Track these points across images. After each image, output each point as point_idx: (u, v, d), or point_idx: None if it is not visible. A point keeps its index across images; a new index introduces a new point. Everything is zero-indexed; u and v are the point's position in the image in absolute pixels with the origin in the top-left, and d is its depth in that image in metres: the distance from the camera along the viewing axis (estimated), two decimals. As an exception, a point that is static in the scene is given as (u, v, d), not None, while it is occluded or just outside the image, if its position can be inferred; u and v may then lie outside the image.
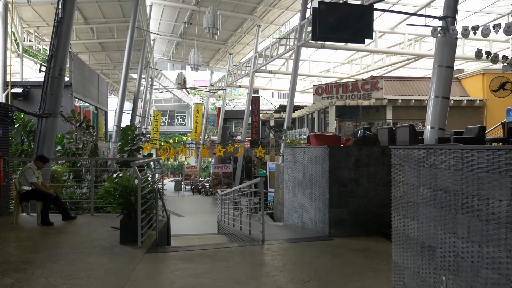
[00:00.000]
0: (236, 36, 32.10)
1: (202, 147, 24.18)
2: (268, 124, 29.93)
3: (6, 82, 17.77)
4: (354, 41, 10.49)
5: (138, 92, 26.33)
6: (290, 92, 20.04)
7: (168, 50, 38.78)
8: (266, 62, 25.51)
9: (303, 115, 26.80)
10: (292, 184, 9.01)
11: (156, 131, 38.83)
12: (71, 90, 18.44)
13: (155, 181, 6.34)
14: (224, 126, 37.09)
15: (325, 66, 31.50)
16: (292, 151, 9.14)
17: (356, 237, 6.32)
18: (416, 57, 23.68)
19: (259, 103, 28.79)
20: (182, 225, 17.07)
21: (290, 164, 9.23)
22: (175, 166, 54.01)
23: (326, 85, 22.68)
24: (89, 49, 30.34)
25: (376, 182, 6.53)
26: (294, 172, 8.83)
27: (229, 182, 28.31)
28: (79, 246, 5.44)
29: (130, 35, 19.53)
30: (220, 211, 13.78)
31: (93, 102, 22.72)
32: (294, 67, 20.04)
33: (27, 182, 6.78)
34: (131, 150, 12.61)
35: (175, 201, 26.12)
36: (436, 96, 10.25)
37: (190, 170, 38.37)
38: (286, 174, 9.75)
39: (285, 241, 6.29)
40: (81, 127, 12.39)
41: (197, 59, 25.68)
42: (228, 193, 11.57)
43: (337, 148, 6.75)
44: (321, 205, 6.77)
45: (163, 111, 55.75)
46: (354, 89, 21.77)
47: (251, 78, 27.45)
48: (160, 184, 7.63)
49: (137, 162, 5.79)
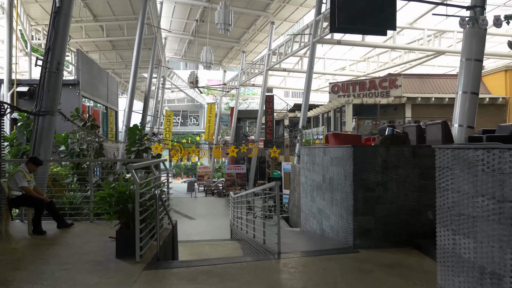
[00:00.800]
0: (249, 34, 31.41)
1: (215, 147, 23.53)
2: (282, 123, 29.15)
3: (11, 81, 17.35)
4: (375, 32, 9.68)
5: (149, 91, 25.82)
6: (305, 90, 19.27)
7: (180, 49, 38.29)
8: (280, 60, 24.74)
9: (318, 114, 25.96)
10: (309, 187, 8.25)
11: (168, 131, 38.39)
12: (78, 89, 17.97)
13: (157, 185, 5.64)
14: (237, 126, 36.43)
15: (341, 64, 30.60)
16: (309, 152, 8.38)
17: (384, 249, 5.53)
18: (435, 53, 22.65)
19: (273, 102, 28.04)
20: (194, 228, 16.43)
21: (308, 165, 8.47)
22: (188, 166, 53.61)
23: (342, 83, 21.82)
24: (99, 48, 29.99)
25: (406, 186, 5.73)
26: (312, 174, 8.07)
27: (242, 183, 27.61)
28: (69, 261, 4.77)
29: (139, 31, 19.01)
30: (232, 215, 13.10)
31: (102, 102, 22.26)
32: (309, 65, 19.27)
33: (17, 186, 6.16)
34: (138, 151, 12.00)
35: (187, 203, 25.55)
36: (464, 92, 9.38)
37: (203, 170, 37.81)
38: (303, 176, 8.99)
39: (304, 254, 5.53)
40: (86, 127, 11.82)
41: (210, 57, 25.04)
42: (241, 196, 10.85)
43: (363, 148, 5.97)
44: (343, 212, 5.99)
45: (176, 111, 55.42)
46: (372, 87, 20.88)
47: (265, 76, 26.72)
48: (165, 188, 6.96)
49: (135, 165, 5.11)
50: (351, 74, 28.43)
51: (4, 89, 17.42)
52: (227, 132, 50.89)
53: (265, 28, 29.87)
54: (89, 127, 11.89)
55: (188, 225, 17.13)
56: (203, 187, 34.67)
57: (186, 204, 24.59)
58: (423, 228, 5.70)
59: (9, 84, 17.51)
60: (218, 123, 41.76)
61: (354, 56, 28.63)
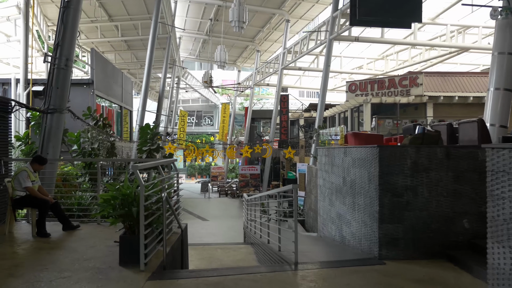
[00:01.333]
0: (264, 32, 30.98)
1: (228, 147, 23.15)
2: (297, 123, 28.60)
3: (27, 80, 17.25)
4: (399, 24, 9.12)
5: (163, 90, 25.58)
6: (322, 89, 18.72)
7: (195, 49, 38.09)
8: (295, 58, 24.23)
9: (334, 114, 25.37)
10: (328, 190, 7.75)
11: (182, 131, 38.22)
12: (92, 88, 17.78)
13: (164, 187, 5.23)
14: (251, 126, 36.01)
15: (358, 63, 29.91)
16: (328, 152, 7.88)
17: (414, 260, 5.02)
18: (459, 50, 21.82)
19: (288, 101, 27.53)
20: (206, 230, 16.06)
21: (326, 167, 7.97)
22: (202, 167, 53.41)
23: (360, 81, 21.22)
24: (115, 48, 29.92)
25: (438, 191, 5.19)
26: (330, 176, 7.57)
27: (256, 184, 27.17)
28: (69, 268, 4.40)
29: (153, 29, 18.76)
30: (246, 217, 12.67)
31: (117, 101, 22.09)
32: (326, 62, 18.72)
33: (21, 186, 5.83)
34: (150, 150, 11.65)
35: (200, 203, 25.23)
36: (496, 89, 8.76)
37: (217, 171, 37.50)
38: (321, 179, 8.49)
39: (324, 265, 5.04)
40: (97, 126, 11.53)
41: (224, 56, 24.68)
42: (254, 198, 10.41)
43: (390, 148, 5.45)
44: (367, 218, 5.49)
45: (191, 111, 55.30)
46: (391, 86, 20.24)
47: (280, 75, 26.23)
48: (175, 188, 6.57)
49: (140, 165, 4.71)
50: (369, 73, 27.72)
51: (20, 88, 17.34)
52: (241, 133, 50.54)
53: (280, 27, 29.40)
54: (101, 126, 11.60)
55: (201, 226, 16.77)
56: (216, 188, 34.35)
57: (200, 205, 24.26)
58: (458, 238, 5.16)
59: (25, 83, 17.42)
60: (232, 123, 41.40)
61: (372, 54, 27.91)
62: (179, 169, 31.81)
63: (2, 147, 6.59)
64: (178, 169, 26.70)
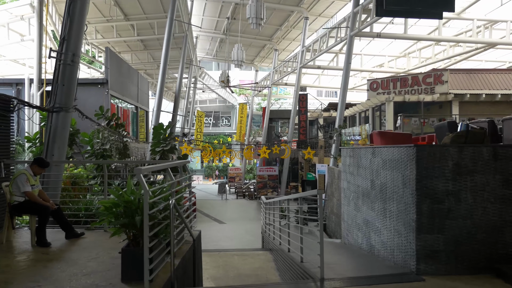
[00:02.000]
0: (282, 31, 30.36)
1: (246, 148, 22.63)
2: (317, 122, 27.87)
3: (41, 80, 17.07)
4: (429, 14, 8.41)
5: (179, 90, 25.23)
6: (342, 87, 18.01)
7: (212, 48, 37.73)
8: (314, 56, 23.54)
9: (354, 113, 24.57)
10: (353, 194, 7.11)
11: (199, 132, 37.91)
12: (107, 88, 17.50)
13: (173, 193, 4.71)
14: (269, 126, 35.43)
15: (378, 61, 29.00)
16: (353, 153, 7.25)
17: (457, 276, 4.37)
18: (485, 46, 20.78)
19: (306, 101, 26.84)
20: (223, 233, 15.56)
21: (351, 168, 7.34)
22: (220, 167, 53.10)
23: (382, 79, 20.40)
24: (131, 48, 29.79)
25: (485, 196, 4.53)
26: (356, 179, 6.93)
27: (274, 185, 26.57)
28: (64, 285, 3.90)
29: (169, 27, 18.41)
30: (264, 221, 12.10)
31: (132, 101, 21.82)
32: (347, 60, 18.00)
33: (19, 191, 5.38)
34: (163, 151, 11.19)
35: (217, 205, 24.77)
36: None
37: (234, 172, 37.07)
38: (344, 181, 7.86)
39: (354, 281, 4.43)
40: (110, 126, 11.15)
41: (241, 54, 24.17)
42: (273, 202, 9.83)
43: (429, 148, 4.80)
44: (401, 227, 4.85)
45: (208, 112, 55.08)
46: (414, 83, 19.37)
47: (298, 74, 25.58)
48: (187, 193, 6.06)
49: (144, 168, 4.20)
50: (390, 71, 26.79)
51: (34, 88, 17.18)
52: (258, 133, 50.00)
53: (298, 25, 28.75)
54: (114, 127, 11.21)
55: (217, 229, 16.29)
56: (234, 189, 33.89)
57: (216, 207, 23.80)
58: (508, 250, 4.48)
59: (39, 83, 17.26)
60: (249, 124, 40.92)
61: (393, 52, 26.97)
62: (196, 170, 32.07)
63: (3, 148, 6.18)
64: (195, 170, 26.77)
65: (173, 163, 5.70)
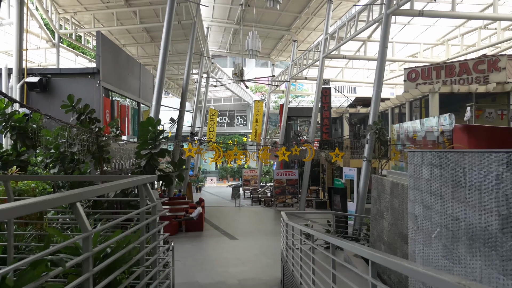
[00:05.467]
0: (302, 19, 27.40)
1: (262, 149, 19.74)
2: (346, 118, 24.72)
3: (21, 71, 14.54)
4: None
5: (187, 84, 22.51)
6: (377, 76, 15.04)
7: (225, 41, 35.00)
8: (340, 44, 20.52)
9: (386, 109, 21.45)
10: (444, 230, 4.17)
11: (212, 131, 35.23)
12: (98, 79, 14.87)
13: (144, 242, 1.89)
14: (287, 124, 32.47)
15: (411, 50, 25.76)
16: (440, 159, 4.30)
17: None
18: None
19: (330, 95, 23.80)
20: (234, 254, 12.70)
21: (435, 185, 4.40)
22: (235, 169, 50.42)
23: (422, 67, 17.28)
24: (137, 40, 27.25)
25: None
26: (451, 206, 3.99)
27: (294, 191, 23.61)
28: None
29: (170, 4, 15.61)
30: (285, 244, 9.23)
31: (133, 96, 19.18)
32: (382, 43, 15.01)
33: None
34: (151, 155, 8.41)
35: (229, 214, 21.95)
36: None
37: (249, 174, 34.28)
38: (418, 204, 4.91)
39: None
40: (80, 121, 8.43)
41: (256, 43, 21.31)
42: (300, 231, 6.93)
43: None
44: None
45: (223, 110, 52.47)
46: (463, 71, 16.22)
47: (321, 65, 22.57)
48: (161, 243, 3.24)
49: (77, 192, 1.43)
50: (425, 61, 23.52)
51: (13, 80, 14.64)
52: (275, 133, 47.08)
53: (320, 12, 25.77)
54: (86, 122, 8.48)
55: (227, 248, 13.45)
56: (249, 193, 31.10)
57: (228, 216, 21.00)
58: None
59: (18, 74, 14.72)
60: (266, 123, 38.03)
61: (430, 39, 23.69)
62: (210, 171, 28.35)
63: None
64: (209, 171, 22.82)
65: (116, 184, 2.84)
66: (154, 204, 3.26)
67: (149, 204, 3.28)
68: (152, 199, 3.29)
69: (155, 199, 3.31)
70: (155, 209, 3.31)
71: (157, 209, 3.32)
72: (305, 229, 6.06)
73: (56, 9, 20.90)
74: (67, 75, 15.36)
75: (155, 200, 3.30)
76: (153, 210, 3.30)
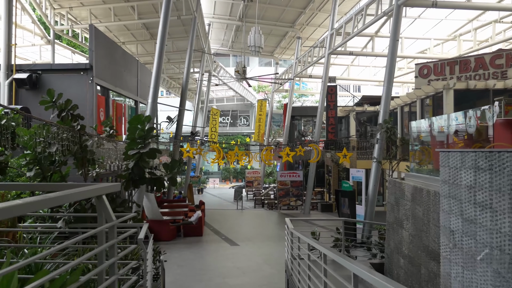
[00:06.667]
0: (306, 15, 26.47)
1: (265, 149, 18.82)
2: (354, 117, 23.71)
3: (10, 67, 13.71)
4: None
5: (187, 81, 21.63)
6: (388, 72, 14.11)
7: (227, 39, 34.11)
8: (346, 39, 19.56)
9: (395, 107, 20.44)
10: (497, 252, 3.24)
11: (214, 131, 34.35)
12: (92, 75, 14.02)
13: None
14: (291, 124, 31.51)
15: (421, 46, 24.75)
16: (490, 161, 3.36)
17: None
18: None
19: (336, 93, 22.83)
20: (234, 262, 11.79)
21: (480, 195, 3.47)
22: (238, 170, 49.50)
23: (435, 62, 16.30)
24: (136, 38, 26.42)
25: None
26: (504, 221, 3.05)
27: (298, 193, 22.67)
28: None
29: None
30: (289, 256, 8.32)
31: (129, 94, 18.34)
32: (393, 36, 14.09)
33: None
34: (140, 156, 7.51)
35: (231, 217, 21.03)
36: None
37: (252, 175, 33.34)
38: (456, 217, 3.98)
39: None
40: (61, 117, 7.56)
41: (259, 39, 20.41)
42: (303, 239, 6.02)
43: None
44: None
45: (225, 110, 51.60)
46: (479, 66, 15.23)
47: (326, 61, 21.63)
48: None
49: None
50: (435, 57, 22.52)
51: (1, 76, 13.81)
52: (279, 133, 46.14)
53: (325, 7, 24.83)
54: (68, 120, 7.59)
55: (227, 256, 12.53)
56: (252, 195, 30.17)
57: (230, 220, 20.08)
58: None
59: (7, 70, 13.89)
60: (269, 122, 37.10)
61: (440, 34, 22.68)
62: (213, 172, 27.26)
63: None
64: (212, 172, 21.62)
65: (43, 200, 1.92)
66: (110, 224, 2.35)
67: (104, 225, 2.37)
68: (109, 218, 2.38)
69: (113, 217, 2.40)
70: (113, 232, 2.40)
71: (116, 230, 2.40)
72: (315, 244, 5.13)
73: (51, 4, 20.08)
74: (58, 71, 14.52)
75: (113, 219, 2.38)
76: (110, 233, 2.39)
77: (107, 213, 2.39)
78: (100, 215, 2.42)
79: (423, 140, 6.52)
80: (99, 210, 2.42)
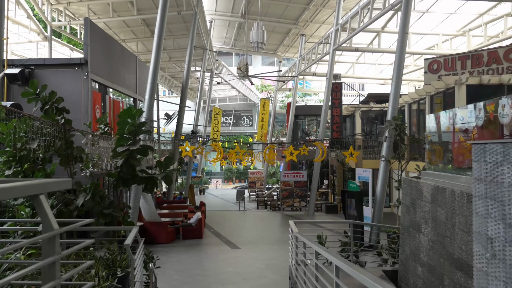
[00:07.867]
0: (310, 11, 25.78)
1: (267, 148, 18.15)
2: (361, 114, 23.00)
3: (2, 61, 13.09)
4: None
5: (188, 78, 21.00)
6: (397, 67, 13.43)
7: (230, 37, 33.50)
8: (352, 34, 18.88)
9: (402, 105, 19.72)
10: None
11: (216, 131, 33.75)
12: (86, 70, 13.39)
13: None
14: (295, 123, 30.82)
15: (429, 42, 24.02)
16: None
17: None
18: None
19: (341, 91, 22.15)
20: (235, 267, 11.12)
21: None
22: (241, 170, 48.86)
23: (445, 57, 15.62)
24: (136, 35, 25.87)
25: None
26: None
27: (302, 194, 21.97)
28: None
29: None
30: (294, 262, 7.67)
31: (127, 91, 17.70)
32: (402, 29, 13.41)
33: None
34: (130, 153, 6.87)
35: (233, 219, 20.37)
36: None
37: (255, 176, 32.65)
38: (492, 221, 3.30)
39: None
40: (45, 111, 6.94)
41: (261, 35, 19.79)
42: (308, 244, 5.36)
43: None
44: None
45: (228, 110, 50.98)
46: (492, 61, 14.54)
47: (331, 58, 20.94)
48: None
49: None
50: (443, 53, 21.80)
51: (-8, 71, 13.21)
52: (282, 133, 45.46)
53: (330, 3, 24.13)
54: (52, 113, 6.97)
55: (228, 260, 11.87)
56: (254, 196, 29.52)
57: (231, 222, 19.42)
58: None
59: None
60: (272, 122, 36.43)
61: (449, 29, 21.95)
62: (215, 173, 26.40)
63: None
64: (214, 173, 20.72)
65: None
66: (48, 235, 1.69)
67: (44, 235, 1.71)
68: (48, 223, 1.73)
69: (54, 225, 1.74)
70: (53, 243, 1.74)
71: (58, 242, 1.74)
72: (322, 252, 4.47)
73: (49, 1, 19.50)
74: (51, 66, 13.91)
75: (53, 227, 1.73)
76: (50, 245, 1.73)
77: (46, 219, 1.73)
78: (45, 216, 1.77)
79: (443, 134, 5.84)
80: (40, 212, 1.77)
